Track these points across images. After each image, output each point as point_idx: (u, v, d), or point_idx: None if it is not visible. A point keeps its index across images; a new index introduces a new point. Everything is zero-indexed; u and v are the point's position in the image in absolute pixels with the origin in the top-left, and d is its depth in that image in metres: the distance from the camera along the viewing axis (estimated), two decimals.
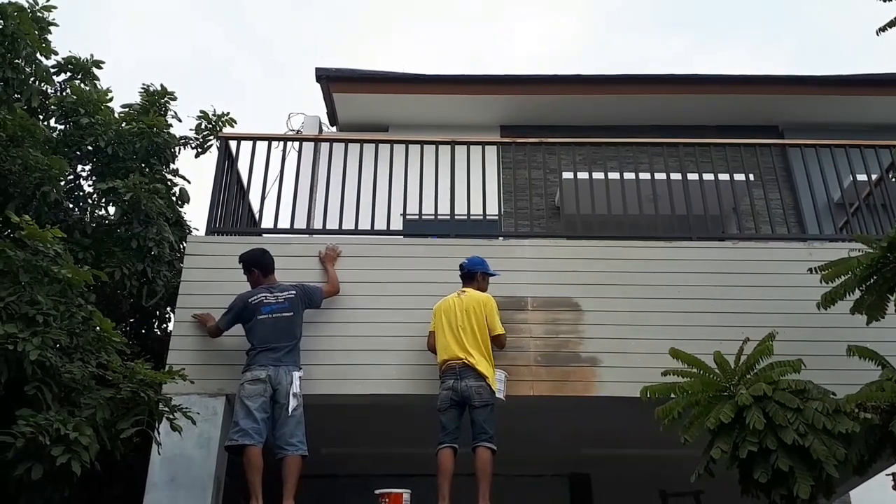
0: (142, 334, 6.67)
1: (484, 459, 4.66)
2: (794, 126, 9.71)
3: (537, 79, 9.75)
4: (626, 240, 5.91)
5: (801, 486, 3.90)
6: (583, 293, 5.51)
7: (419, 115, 9.60)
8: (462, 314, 4.97)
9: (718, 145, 6.50)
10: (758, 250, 5.87)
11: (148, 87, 6.82)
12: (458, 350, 4.87)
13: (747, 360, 4.48)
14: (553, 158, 7.44)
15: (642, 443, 5.73)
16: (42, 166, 5.32)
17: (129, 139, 6.27)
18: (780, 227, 7.30)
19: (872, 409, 4.19)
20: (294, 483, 4.62)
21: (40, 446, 3.77)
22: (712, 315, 5.40)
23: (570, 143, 6.55)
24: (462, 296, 5.09)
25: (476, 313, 4.97)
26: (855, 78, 9.66)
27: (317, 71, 9.33)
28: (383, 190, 5.89)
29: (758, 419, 4.04)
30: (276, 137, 6.38)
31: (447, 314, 5.02)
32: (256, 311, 4.99)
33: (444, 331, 4.99)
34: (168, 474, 4.80)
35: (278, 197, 5.92)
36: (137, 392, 4.22)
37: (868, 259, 4.59)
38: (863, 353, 4.62)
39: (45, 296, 4.15)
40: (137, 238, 5.85)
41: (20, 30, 5.23)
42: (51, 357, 3.93)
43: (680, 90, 9.62)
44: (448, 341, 4.93)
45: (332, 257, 5.54)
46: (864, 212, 6.39)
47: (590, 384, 5.22)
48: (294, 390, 4.77)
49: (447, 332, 4.96)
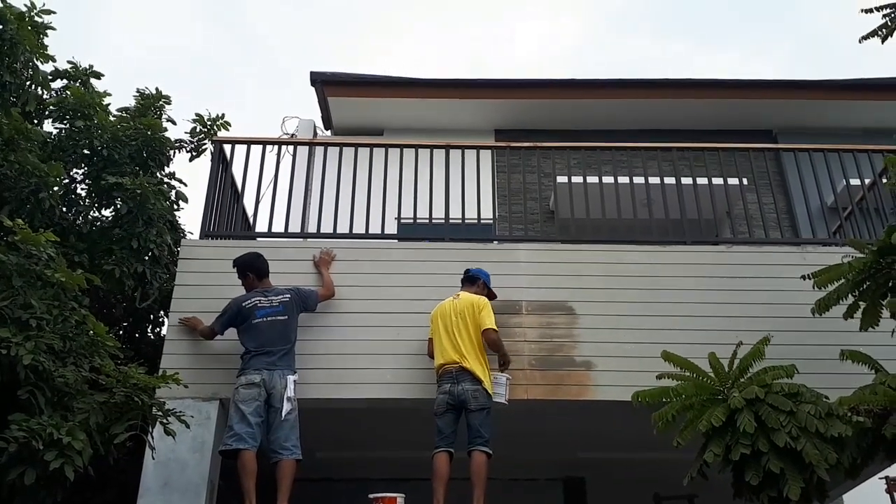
0: (135, 338, 6.65)
1: (479, 463, 4.66)
2: (787, 130, 9.74)
3: (532, 83, 9.77)
4: (620, 244, 5.91)
5: (792, 488, 3.91)
6: (577, 297, 5.52)
7: (414, 118, 9.61)
8: (457, 317, 4.97)
9: (712, 149, 6.51)
10: (752, 254, 5.88)
11: (143, 91, 6.81)
12: (454, 354, 4.87)
13: (740, 364, 4.49)
14: (547, 162, 7.45)
15: (637, 446, 5.74)
16: (39, 172, 5.30)
17: (125, 141, 6.26)
18: (773, 231, 7.32)
19: (865, 412, 4.20)
20: (288, 487, 4.61)
21: (33, 451, 3.76)
22: (706, 319, 5.41)
23: (564, 147, 6.56)
24: (456, 299, 5.10)
25: (470, 314, 4.97)
26: (849, 82, 9.70)
27: (311, 74, 9.34)
28: (378, 194, 5.90)
29: (748, 422, 4.05)
30: (271, 141, 6.38)
31: (443, 318, 5.03)
32: (250, 315, 4.99)
33: (440, 335, 4.99)
34: (162, 479, 4.79)
35: (273, 201, 5.93)
36: (131, 396, 4.21)
37: (860, 264, 4.60)
38: (855, 357, 4.63)
39: (39, 300, 4.15)
40: (138, 238, 5.84)
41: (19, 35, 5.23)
42: (44, 361, 3.92)
43: (674, 94, 9.64)
44: (444, 345, 4.93)
45: (327, 261, 5.54)
46: (857, 216, 6.42)
47: (584, 388, 5.22)
48: (288, 394, 4.77)
49: (443, 336, 4.96)
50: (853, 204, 6.40)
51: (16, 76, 5.31)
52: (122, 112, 6.66)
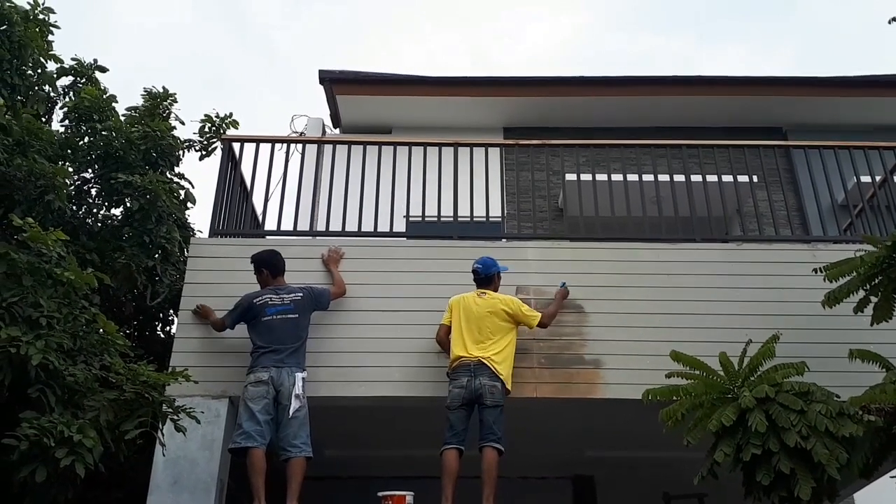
0: (145, 336, 6.68)
1: (490, 460, 4.63)
2: (797, 127, 9.69)
3: (540, 80, 9.74)
4: (629, 242, 5.90)
5: (803, 488, 3.88)
6: (586, 295, 5.50)
7: (422, 116, 9.60)
8: (487, 316, 4.96)
9: (722, 147, 6.49)
10: (762, 252, 5.85)
11: (150, 89, 6.83)
12: (476, 349, 4.85)
13: (750, 362, 4.46)
14: (556, 160, 7.44)
15: (646, 445, 5.72)
16: (47, 174, 5.32)
17: (137, 143, 6.28)
18: (783, 228, 7.28)
19: (876, 411, 4.16)
20: (298, 485, 4.61)
21: (44, 449, 3.78)
22: (716, 317, 5.39)
23: (573, 144, 6.55)
24: (484, 296, 5.08)
25: (504, 316, 4.99)
26: (858, 79, 9.64)
27: (320, 73, 9.34)
28: (386, 192, 5.89)
29: (760, 421, 4.02)
30: (280, 140, 6.39)
31: (466, 312, 5.01)
32: (261, 312, 5.00)
33: (460, 328, 4.97)
34: (171, 476, 4.80)
35: (281, 199, 5.93)
36: (141, 394, 4.23)
37: (872, 258, 4.56)
38: (865, 355, 4.58)
39: (49, 298, 4.16)
40: (149, 234, 5.87)
41: (27, 36, 5.24)
42: (54, 360, 3.94)
43: (684, 91, 9.60)
44: (465, 339, 4.91)
45: (336, 259, 5.55)
46: (868, 213, 6.37)
47: (593, 386, 5.21)
48: (297, 391, 4.77)
49: (464, 329, 4.94)
50: (864, 201, 6.36)
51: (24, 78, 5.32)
52: (131, 112, 6.68)
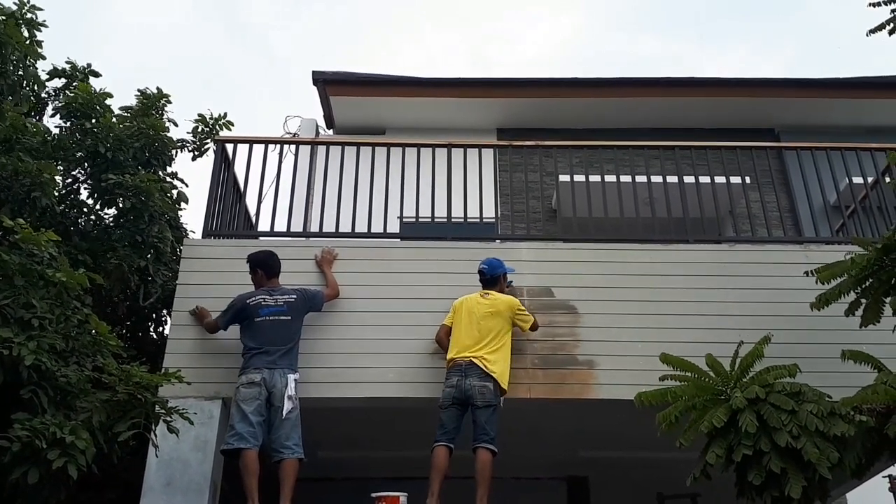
0: (138, 337, 6.66)
1: (484, 461, 4.63)
2: (790, 129, 9.71)
3: (534, 82, 9.75)
4: (622, 243, 5.90)
5: (793, 487, 3.89)
6: (580, 296, 5.51)
7: (416, 117, 9.60)
8: (489, 316, 4.97)
9: (714, 148, 6.50)
10: (754, 253, 5.87)
11: (144, 90, 6.81)
12: (471, 349, 4.86)
13: (742, 363, 4.47)
14: (550, 161, 7.43)
15: (640, 445, 5.73)
16: (32, 172, 5.28)
17: (128, 142, 6.26)
18: (776, 229, 7.31)
19: (868, 411, 4.19)
20: (291, 486, 4.61)
21: (36, 450, 3.77)
22: (709, 318, 5.40)
23: (566, 145, 6.56)
24: (487, 297, 5.09)
25: (504, 316, 5.00)
26: (851, 81, 9.67)
27: (313, 74, 9.33)
28: (380, 193, 5.89)
29: (750, 422, 4.04)
30: (273, 140, 6.37)
31: (469, 312, 5.02)
32: (254, 313, 4.99)
33: (461, 328, 4.98)
34: (164, 478, 4.79)
35: (275, 200, 5.93)
36: (134, 395, 4.21)
37: (863, 261, 4.58)
38: (857, 356, 4.60)
39: (41, 299, 4.15)
40: (141, 233, 5.85)
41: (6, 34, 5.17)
42: (46, 361, 3.93)
43: (676, 93, 9.62)
44: (463, 339, 4.92)
45: (329, 260, 5.54)
46: (860, 214, 6.40)
47: (587, 387, 5.22)
48: (289, 393, 4.76)
49: (464, 329, 4.95)
50: (856, 202, 6.39)
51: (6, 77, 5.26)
52: (125, 111, 6.66)
